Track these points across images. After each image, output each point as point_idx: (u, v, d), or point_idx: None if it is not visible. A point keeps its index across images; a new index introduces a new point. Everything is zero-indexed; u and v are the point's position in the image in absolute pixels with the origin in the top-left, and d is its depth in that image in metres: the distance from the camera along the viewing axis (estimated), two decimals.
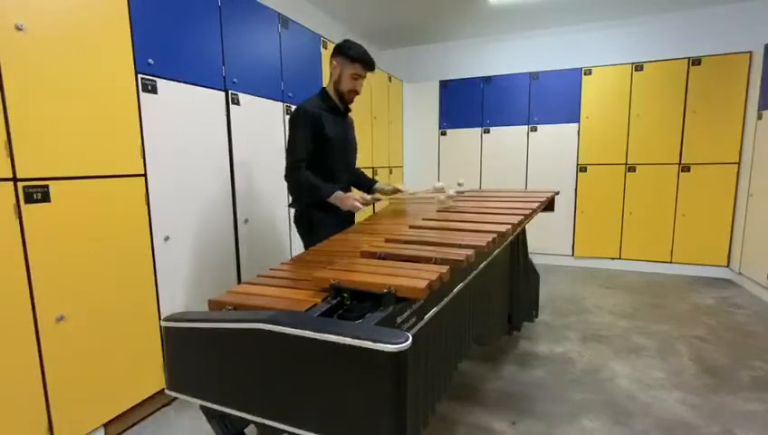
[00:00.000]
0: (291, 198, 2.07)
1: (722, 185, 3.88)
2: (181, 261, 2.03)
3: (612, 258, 4.35)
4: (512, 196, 2.37)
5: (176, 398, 1.49)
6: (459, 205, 2.10)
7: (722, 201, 3.90)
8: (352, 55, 1.88)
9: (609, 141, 4.21)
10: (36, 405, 1.50)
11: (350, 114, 2.10)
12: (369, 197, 1.85)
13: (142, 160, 1.82)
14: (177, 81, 1.97)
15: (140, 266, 1.84)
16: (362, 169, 2.28)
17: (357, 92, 1.98)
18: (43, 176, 1.48)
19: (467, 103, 4.73)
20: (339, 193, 1.86)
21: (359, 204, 1.85)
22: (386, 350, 0.75)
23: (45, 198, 1.49)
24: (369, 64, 1.92)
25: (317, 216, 1.93)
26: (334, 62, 1.92)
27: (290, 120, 1.93)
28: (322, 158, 1.93)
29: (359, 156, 2.26)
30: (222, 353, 0.95)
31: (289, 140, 1.90)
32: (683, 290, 3.65)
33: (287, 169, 1.90)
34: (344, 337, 0.78)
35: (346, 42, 1.93)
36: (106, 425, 1.74)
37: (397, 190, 2.21)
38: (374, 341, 0.77)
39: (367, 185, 2.24)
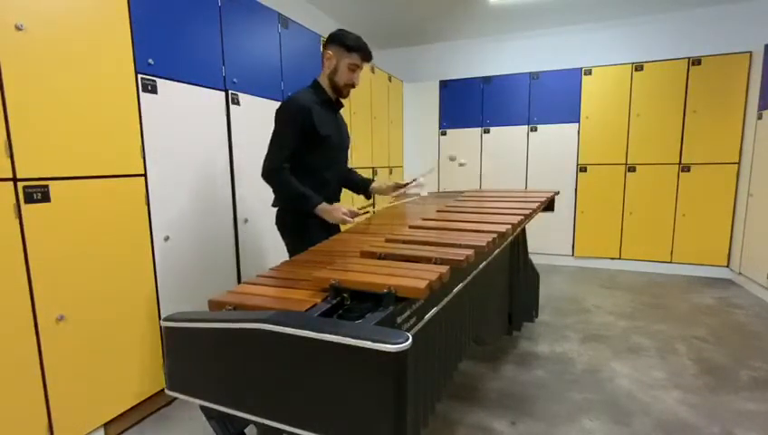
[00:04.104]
0: (275, 199, 1.91)
1: (722, 185, 3.88)
2: (181, 261, 2.03)
3: (612, 258, 4.35)
4: (512, 196, 2.37)
5: (176, 398, 1.49)
6: (459, 205, 2.10)
7: (722, 201, 3.90)
8: (350, 45, 1.74)
9: (609, 141, 4.21)
10: (36, 405, 1.50)
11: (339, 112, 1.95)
12: (356, 208, 1.71)
13: (142, 160, 1.82)
14: (177, 81, 1.97)
15: (140, 266, 1.84)
16: (360, 170, 2.20)
17: (354, 85, 1.83)
18: (43, 176, 1.48)
19: (467, 103, 4.73)
20: (324, 205, 1.71)
21: (347, 217, 1.69)
22: (386, 350, 0.75)
23: (45, 198, 1.49)
24: (367, 54, 1.79)
25: (310, 220, 1.78)
26: (329, 51, 1.77)
27: (276, 113, 1.75)
28: (314, 159, 1.78)
29: (355, 155, 2.17)
30: (222, 353, 0.95)
31: (272, 136, 1.74)
32: (683, 290, 3.65)
33: (267, 169, 1.72)
34: (344, 337, 0.78)
35: (340, 30, 1.78)
36: (106, 425, 1.74)
37: (399, 186, 2.01)
38: (374, 341, 0.77)
39: (362, 186, 2.06)
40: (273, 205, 1.90)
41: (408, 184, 2.02)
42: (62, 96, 1.54)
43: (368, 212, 1.84)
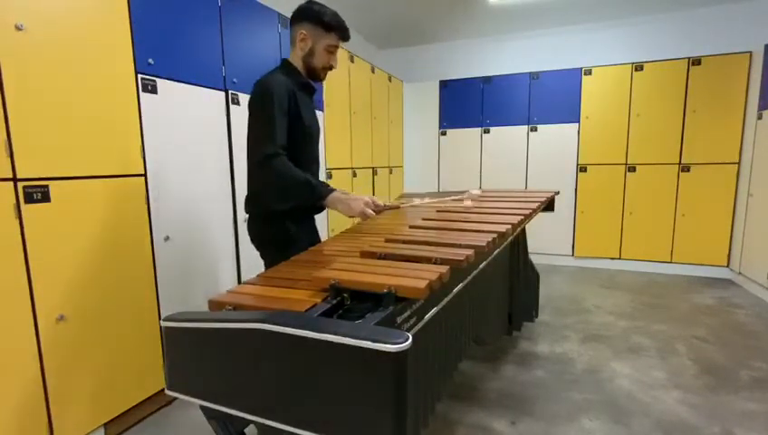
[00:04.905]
0: (252, 205, 1.59)
1: (722, 185, 3.88)
2: (181, 261, 2.03)
3: (612, 258, 4.35)
4: (512, 196, 2.37)
5: (176, 398, 1.49)
6: (459, 205, 2.10)
7: (722, 201, 3.90)
8: (328, 23, 1.50)
9: (609, 141, 4.21)
10: (36, 405, 1.50)
11: None
12: (381, 202, 1.47)
13: (142, 160, 1.82)
14: (177, 81, 1.97)
15: (140, 266, 1.84)
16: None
17: (333, 67, 1.60)
18: (43, 176, 1.48)
19: (467, 103, 4.73)
20: (337, 194, 1.44)
21: (369, 211, 1.43)
22: (386, 350, 0.75)
23: (45, 198, 1.49)
24: (347, 32, 1.56)
25: (292, 229, 1.54)
26: (303, 31, 1.51)
27: (256, 98, 1.48)
28: (296, 151, 1.49)
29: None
30: (222, 353, 0.95)
31: (257, 124, 1.46)
32: (683, 290, 3.65)
33: (262, 155, 1.39)
34: (344, 337, 0.78)
35: (312, 4, 1.52)
36: (106, 425, 1.74)
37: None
38: (374, 341, 0.76)
39: None
40: (247, 210, 1.61)
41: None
42: (62, 96, 1.54)
43: (396, 207, 1.57)
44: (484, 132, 4.70)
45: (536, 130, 4.48)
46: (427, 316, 1.19)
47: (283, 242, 1.54)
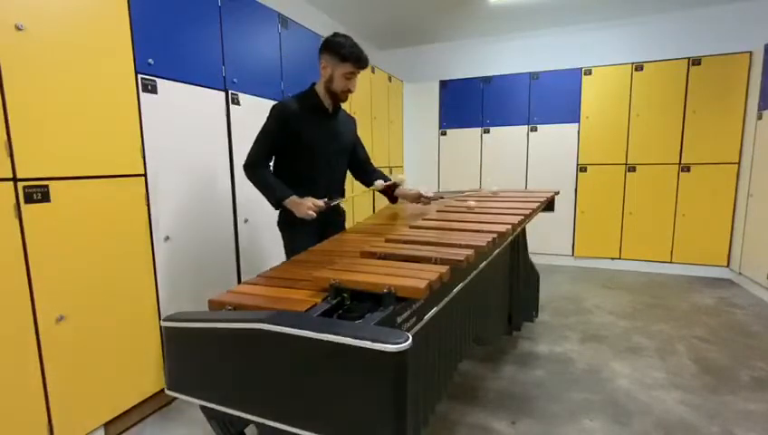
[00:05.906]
0: None
1: (722, 185, 3.88)
2: (181, 261, 2.03)
3: (612, 258, 4.35)
4: (512, 196, 2.37)
5: (176, 398, 1.49)
6: (459, 205, 2.10)
7: (722, 201, 3.89)
8: (343, 54, 1.71)
9: (609, 141, 4.21)
10: (36, 405, 1.50)
11: (344, 111, 1.97)
12: (321, 202, 1.69)
13: (142, 160, 1.82)
14: (177, 81, 1.97)
15: (140, 266, 1.84)
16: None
17: (351, 91, 1.82)
18: (43, 176, 1.48)
19: (467, 103, 4.73)
20: (293, 198, 1.70)
21: (312, 212, 1.66)
22: (386, 350, 0.75)
23: (45, 198, 1.49)
24: (362, 62, 1.74)
25: (292, 222, 1.77)
26: (323, 61, 1.76)
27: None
28: (300, 163, 1.81)
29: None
30: (222, 353, 0.95)
31: (257, 135, 1.82)
32: (683, 290, 3.65)
33: (244, 164, 1.79)
34: (344, 337, 0.78)
35: (334, 36, 1.75)
36: (106, 425, 1.74)
37: (420, 196, 2.07)
38: (374, 341, 0.77)
39: (385, 190, 2.06)
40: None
41: (433, 198, 2.13)
42: (62, 96, 1.53)
43: (337, 203, 1.82)
44: (484, 132, 4.70)
45: (536, 130, 4.48)
46: (427, 316, 1.19)
47: (287, 225, 1.86)
